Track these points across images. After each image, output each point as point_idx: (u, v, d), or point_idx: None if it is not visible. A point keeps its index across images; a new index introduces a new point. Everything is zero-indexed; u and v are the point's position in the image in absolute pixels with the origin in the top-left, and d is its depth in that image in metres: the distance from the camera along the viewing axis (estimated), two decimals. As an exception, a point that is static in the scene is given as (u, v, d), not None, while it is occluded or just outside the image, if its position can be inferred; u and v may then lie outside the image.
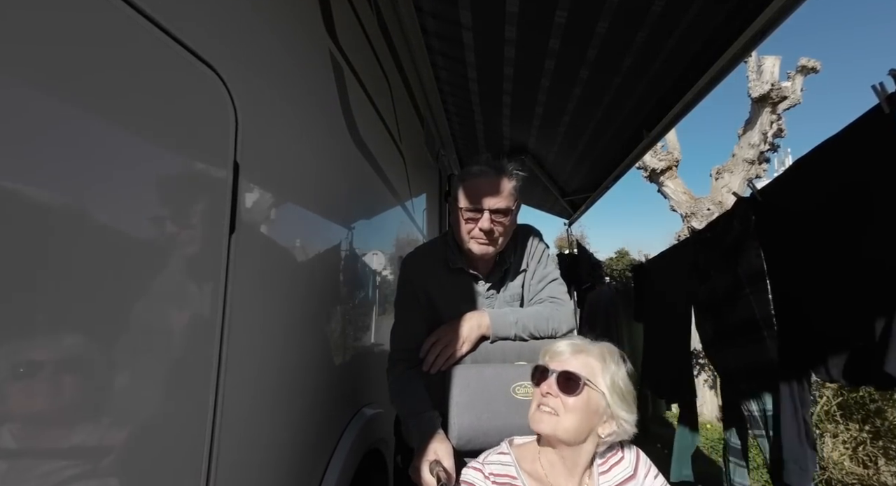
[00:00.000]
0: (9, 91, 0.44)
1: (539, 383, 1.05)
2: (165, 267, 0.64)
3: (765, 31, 1.78)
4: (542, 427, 1.00)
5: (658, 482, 1.03)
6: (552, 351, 1.09)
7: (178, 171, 0.67)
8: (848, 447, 3.81)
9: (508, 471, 1.01)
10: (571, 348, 1.07)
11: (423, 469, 1.08)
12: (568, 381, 1.01)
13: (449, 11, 2.15)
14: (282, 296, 0.98)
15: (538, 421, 1.01)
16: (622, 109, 2.77)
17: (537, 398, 1.04)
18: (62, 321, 0.49)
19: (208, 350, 0.71)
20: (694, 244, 2.47)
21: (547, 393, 1.01)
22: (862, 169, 1.34)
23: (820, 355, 1.50)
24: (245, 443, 0.82)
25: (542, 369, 1.06)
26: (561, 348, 1.08)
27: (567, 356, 1.05)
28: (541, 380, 1.05)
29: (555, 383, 1.01)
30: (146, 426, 0.60)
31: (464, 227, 1.28)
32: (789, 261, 1.66)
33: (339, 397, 1.33)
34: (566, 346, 1.08)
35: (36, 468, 0.47)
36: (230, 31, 0.80)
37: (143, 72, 0.60)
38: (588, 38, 2.09)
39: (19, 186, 0.45)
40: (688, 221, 6.24)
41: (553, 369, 1.03)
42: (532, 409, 1.04)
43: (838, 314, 1.44)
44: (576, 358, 1.04)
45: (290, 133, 1.02)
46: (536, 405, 1.03)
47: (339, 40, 1.32)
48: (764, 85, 5.85)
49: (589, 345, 1.08)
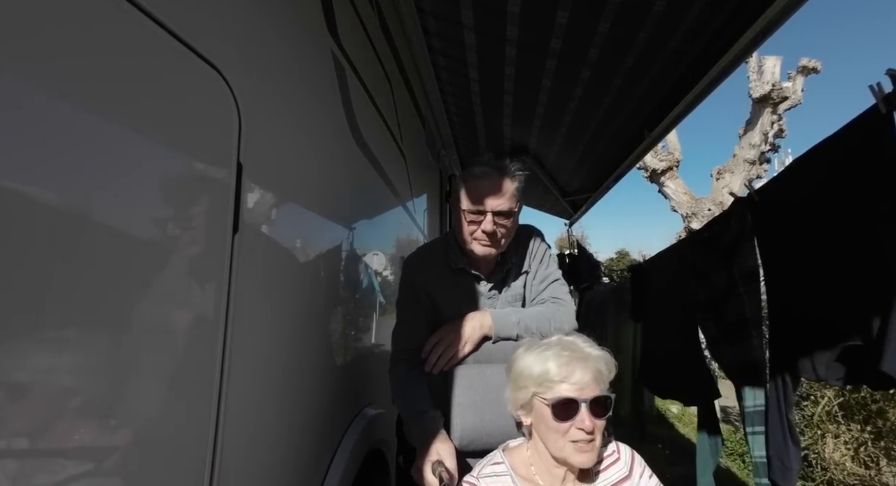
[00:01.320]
0: (12, 91, 0.44)
1: (566, 417, 0.93)
2: (169, 267, 0.64)
3: (766, 32, 1.78)
4: (588, 463, 0.94)
5: (652, 482, 1.03)
6: (556, 376, 0.96)
7: (182, 171, 0.67)
8: (849, 447, 3.81)
9: (504, 482, 1.00)
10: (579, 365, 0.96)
11: (426, 470, 1.08)
12: (598, 404, 0.94)
13: (450, 12, 2.15)
14: (284, 296, 0.98)
15: (583, 460, 0.93)
16: (623, 109, 2.77)
17: (569, 434, 0.93)
18: (65, 321, 0.49)
19: (211, 350, 0.71)
20: (691, 244, 2.47)
21: (593, 429, 0.92)
22: (859, 169, 1.34)
23: (808, 355, 1.50)
24: (248, 443, 0.82)
25: (568, 402, 0.93)
26: (572, 372, 0.95)
27: (583, 374, 0.95)
28: (569, 414, 0.93)
29: (591, 415, 0.92)
30: (149, 426, 0.60)
31: (466, 228, 1.28)
32: (785, 260, 1.66)
33: (342, 397, 1.33)
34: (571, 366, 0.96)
35: (40, 467, 0.47)
36: (233, 32, 0.80)
37: (146, 72, 0.60)
38: (589, 38, 2.09)
39: (22, 186, 0.45)
40: (688, 221, 6.24)
41: (582, 399, 0.93)
42: (566, 447, 0.94)
43: (834, 314, 1.45)
44: (591, 376, 0.95)
45: (293, 133, 1.02)
46: (572, 443, 0.93)
47: (341, 41, 1.32)
48: (765, 85, 5.86)
49: (588, 349, 1.01)
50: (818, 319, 1.50)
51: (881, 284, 1.24)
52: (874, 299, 1.27)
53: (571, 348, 1.00)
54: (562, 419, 0.94)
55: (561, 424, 0.94)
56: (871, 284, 1.29)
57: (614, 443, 1.07)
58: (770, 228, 1.75)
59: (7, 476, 0.43)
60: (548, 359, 0.99)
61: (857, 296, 1.36)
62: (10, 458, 0.44)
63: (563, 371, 0.96)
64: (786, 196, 1.69)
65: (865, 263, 1.32)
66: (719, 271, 2.08)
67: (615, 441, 1.08)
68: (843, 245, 1.41)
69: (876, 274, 1.27)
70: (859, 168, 1.33)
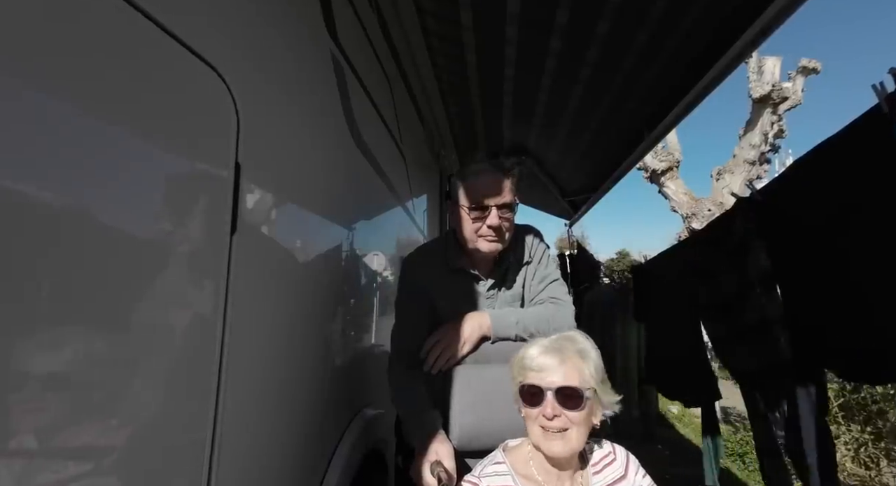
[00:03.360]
0: (11, 91, 0.44)
1: (534, 403, 0.97)
2: (167, 268, 0.64)
3: (765, 32, 1.78)
4: (556, 451, 0.96)
5: (646, 481, 1.05)
6: (531, 363, 1.00)
7: (180, 171, 0.67)
8: (850, 448, 3.81)
9: (505, 481, 1.01)
10: (553, 355, 0.99)
11: (424, 470, 1.08)
12: (567, 396, 0.96)
13: (450, 11, 2.15)
14: (283, 297, 0.98)
15: (550, 446, 0.96)
16: (623, 109, 2.77)
17: (538, 420, 0.97)
18: (64, 321, 0.49)
19: (209, 351, 0.71)
20: (693, 245, 2.46)
21: (553, 415, 0.95)
22: (861, 169, 1.34)
23: (834, 354, 1.49)
24: (246, 443, 0.81)
25: (533, 389, 0.98)
26: (542, 360, 0.99)
27: (553, 366, 0.98)
28: (535, 401, 0.97)
29: (556, 403, 0.95)
30: (148, 426, 0.60)
31: (470, 226, 1.28)
32: (794, 260, 1.66)
33: (340, 397, 1.33)
34: (546, 355, 1.00)
35: (38, 467, 0.47)
36: (232, 32, 0.80)
37: (145, 73, 0.60)
38: (589, 38, 2.09)
39: (20, 186, 0.45)
40: (688, 221, 6.24)
41: (546, 387, 0.97)
42: (536, 432, 0.98)
43: (846, 314, 1.44)
44: (563, 366, 0.98)
45: (292, 133, 1.02)
46: (540, 429, 0.97)
47: (340, 41, 1.32)
48: (765, 86, 5.86)
49: (562, 343, 1.02)
50: (835, 318, 1.49)
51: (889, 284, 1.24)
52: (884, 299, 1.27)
53: (560, 342, 1.03)
54: (530, 404, 0.99)
55: (530, 409, 0.99)
56: (881, 284, 1.29)
57: (610, 444, 1.09)
58: (775, 228, 1.74)
59: (7, 476, 0.43)
60: (530, 346, 1.04)
61: (862, 297, 1.35)
62: (9, 458, 0.44)
63: (538, 360, 1.00)
64: (789, 196, 1.69)
65: (871, 263, 1.32)
66: (728, 272, 2.06)
67: (611, 443, 1.09)
68: (848, 245, 1.40)
69: (884, 275, 1.27)
70: (862, 167, 1.33)
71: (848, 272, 1.42)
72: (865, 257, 1.35)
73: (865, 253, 1.35)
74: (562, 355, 1.00)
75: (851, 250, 1.40)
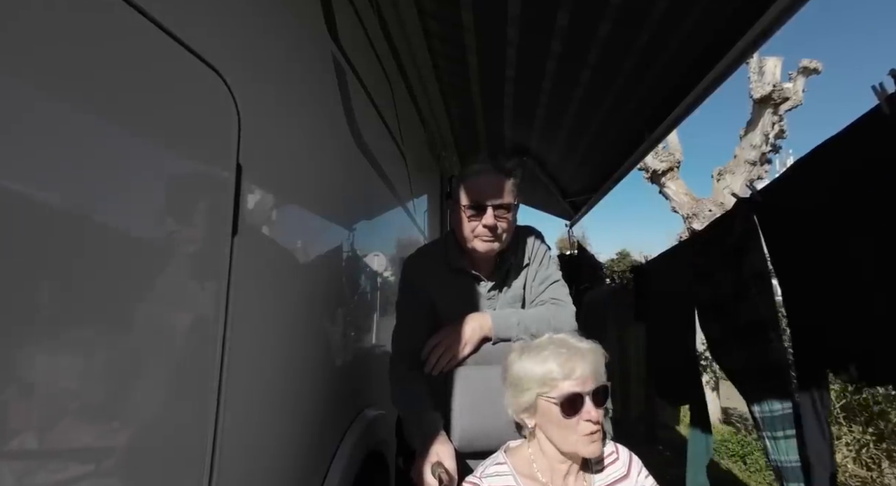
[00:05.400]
0: (13, 92, 0.44)
1: (573, 412, 0.97)
2: (168, 269, 0.64)
3: (766, 33, 1.78)
4: (597, 450, 0.98)
5: (648, 481, 1.05)
6: (558, 370, 0.99)
7: (181, 172, 0.67)
8: (851, 449, 3.80)
9: (507, 481, 1.01)
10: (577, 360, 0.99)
11: (425, 471, 1.08)
12: (600, 396, 0.98)
13: (450, 13, 2.15)
14: (284, 298, 0.98)
15: (593, 449, 0.97)
16: (624, 110, 2.77)
17: (579, 427, 0.96)
18: (65, 322, 0.50)
19: (211, 352, 0.71)
20: (693, 245, 2.47)
21: (598, 420, 0.96)
22: (862, 169, 1.34)
23: (838, 355, 1.49)
24: (247, 444, 0.82)
25: (574, 397, 0.97)
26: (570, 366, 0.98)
27: (583, 368, 0.99)
28: (575, 408, 0.97)
29: (594, 407, 0.96)
30: (149, 427, 0.60)
31: (467, 226, 1.28)
32: (795, 261, 1.66)
33: (341, 398, 1.33)
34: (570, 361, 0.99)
35: (39, 467, 0.48)
36: (233, 34, 0.80)
37: (146, 74, 0.60)
38: (590, 39, 2.10)
39: (22, 186, 0.45)
40: (689, 222, 6.24)
41: (585, 392, 0.97)
42: (572, 440, 0.97)
43: (847, 314, 1.44)
44: (590, 367, 0.99)
45: (293, 135, 1.02)
46: (580, 435, 0.96)
47: (341, 42, 1.33)
48: (765, 86, 5.85)
49: (580, 344, 1.03)
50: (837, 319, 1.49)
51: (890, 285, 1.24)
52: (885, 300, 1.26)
53: (567, 346, 1.03)
54: (570, 414, 0.97)
55: (569, 419, 0.97)
56: (881, 284, 1.29)
57: (613, 444, 1.09)
58: (776, 228, 1.74)
59: (7, 476, 0.43)
60: (547, 359, 1.01)
61: (864, 297, 1.35)
62: (9, 458, 0.44)
63: (565, 368, 0.99)
64: (789, 197, 1.69)
65: (871, 264, 1.32)
66: (724, 272, 2.06)
67: (614, 442, 1.10)
68: (848, 245, 1.40)
69: (884, 276, 1.27)
70: (862, 168, 1.33)
71: (849, 273, 1.42)
72: (866, 257, 1.35)
73: (866, 253, 1.35)
74: (583, 358, 1.01)
75: (852, 250, 1.40)
